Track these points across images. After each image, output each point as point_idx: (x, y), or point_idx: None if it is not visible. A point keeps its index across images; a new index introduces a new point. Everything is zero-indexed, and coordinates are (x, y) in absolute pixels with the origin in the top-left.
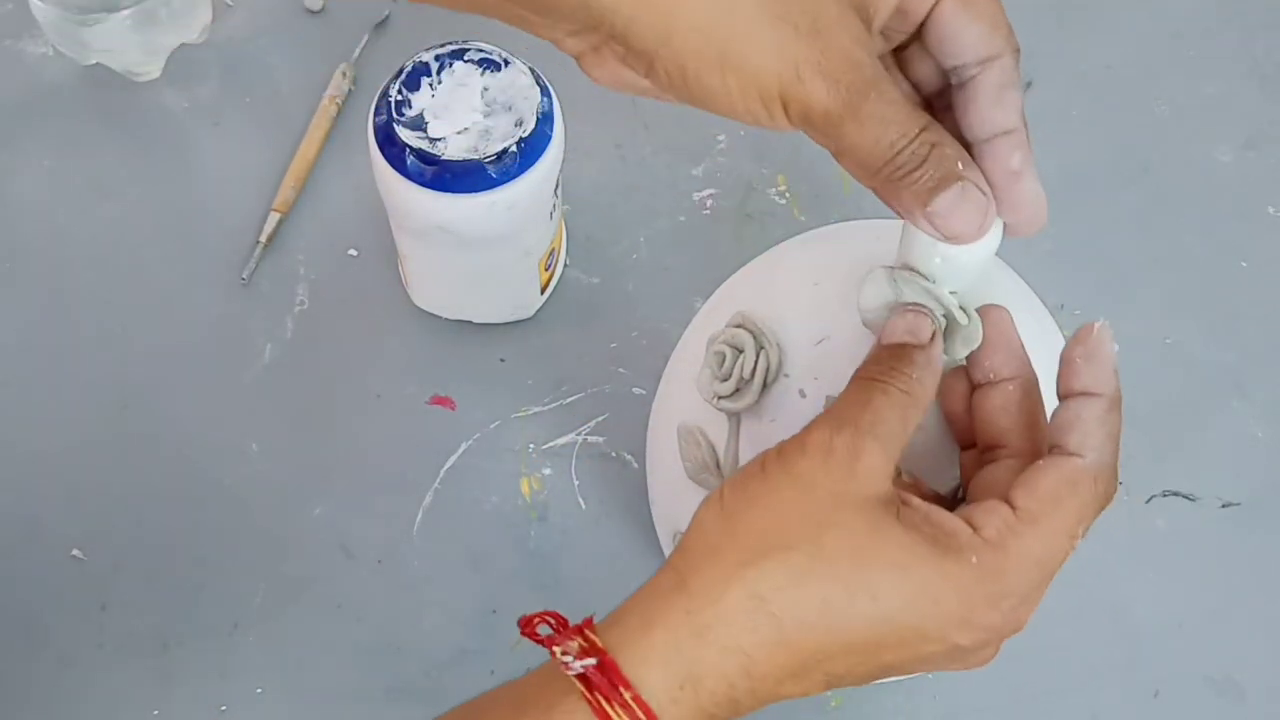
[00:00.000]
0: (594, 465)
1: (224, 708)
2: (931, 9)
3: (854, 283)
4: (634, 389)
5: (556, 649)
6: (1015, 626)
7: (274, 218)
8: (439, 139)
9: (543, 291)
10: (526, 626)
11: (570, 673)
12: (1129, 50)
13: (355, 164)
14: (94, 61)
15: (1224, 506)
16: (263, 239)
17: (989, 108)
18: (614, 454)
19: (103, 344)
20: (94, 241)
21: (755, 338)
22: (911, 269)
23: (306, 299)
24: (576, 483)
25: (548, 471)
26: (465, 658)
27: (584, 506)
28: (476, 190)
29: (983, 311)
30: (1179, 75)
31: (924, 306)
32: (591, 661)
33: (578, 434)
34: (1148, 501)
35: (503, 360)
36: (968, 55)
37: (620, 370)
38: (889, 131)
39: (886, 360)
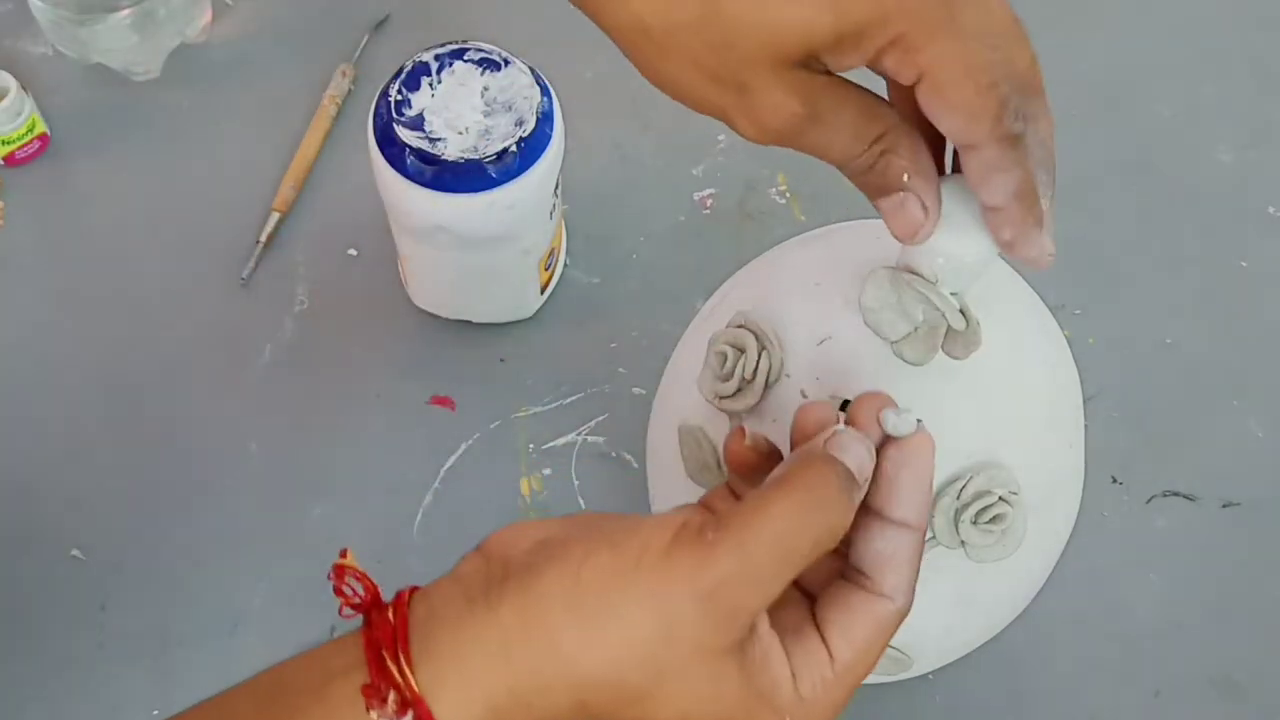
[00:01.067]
0: (594, 465)
1: None
2: (915, 85)
3: (855, 282)
4: (634, 389)
5: (374, 712)
6: None
7: (274, 217)
8: (439, 139)
9: (542, 291)
10: (338, 582)
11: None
12: (1129, 50)
13: (355, 164)
14: (94, 61)
15: (1224, 506)
16: (262, 239)
17: (974, 187)
18: (614, 454)
19: (103, 343)
20: (93, 241)
21: (757, 338)
22: (913, 270)
23: (306, 299)
24: (577, 483)
25: (548, 471)
26: None
27: (584, 506)
28: (476, 190)
29: (903, 444)
30: (1179, 75)
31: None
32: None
33: (578, 434)
34: (1148, 501)
35: (503, 360)
36: (948, 137)
37: (620, 370)
38: (835, 146)
39: (836, 484)
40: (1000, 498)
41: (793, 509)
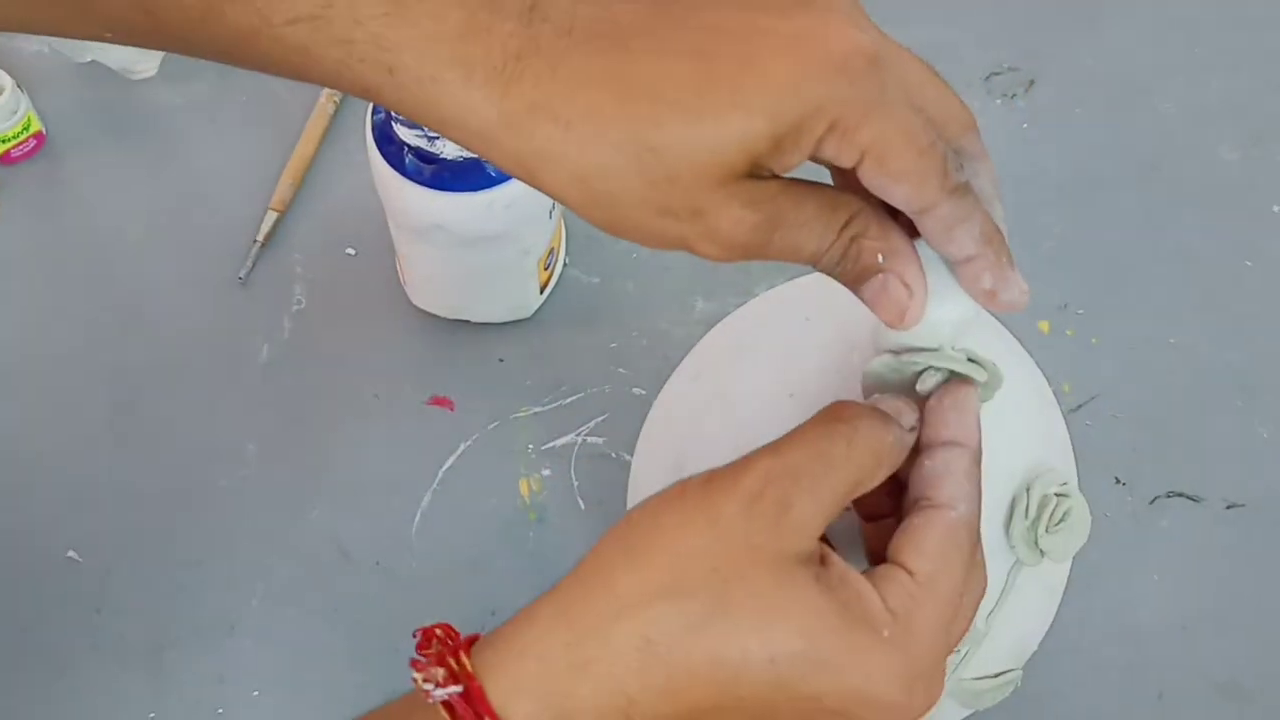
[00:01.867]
0: (594, 466)
1: (220, 711)
2: (856, 166)
3: (827, 377)
4: (634, 389)
5: (418, 675)
6: (927, 705)
7: (271, 216)
8: (437, 137)
9: (542, 291)
10: (424, 639)
11: (431, 700)
12: (1133, 47)
13: (353, 162)
14: (89, 59)
15: (1229, 508)
16: (260, 238)
17: (941, 246)
18: (614, 455)
19: (98, 343)
20: (89, 240)
21: None
22: (913, 348)
23: (304, 298)
24: (576, 484)
25: (547, 472)
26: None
27: (583, 508)
28: (475, 188)
29: (940, 388)
30: (1184, 72)
31: (908, 401)
32: (456, 689)
33: (577, 434)
34: (1152, 502)
35: (501, 360)
36: (901, 207)
37: (620, 370)
38: (806, 245)
39: (868, 413)
40: (1058, 494)
41: (820, 421)
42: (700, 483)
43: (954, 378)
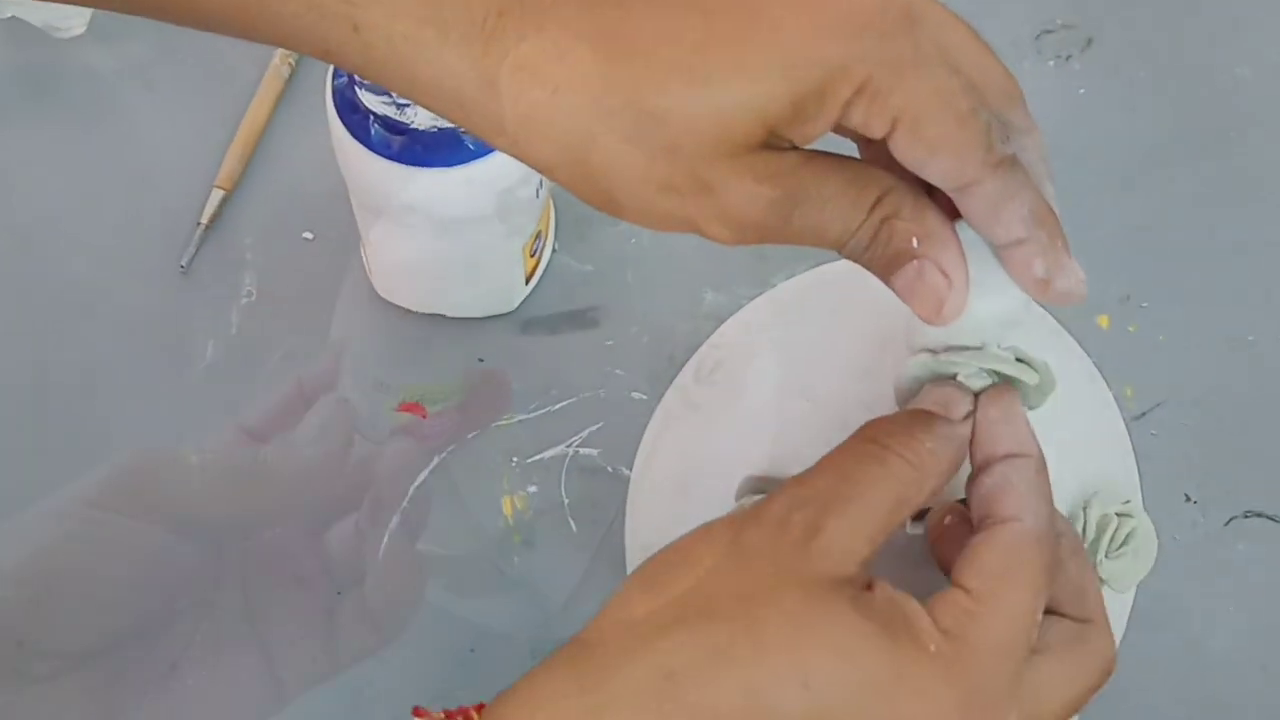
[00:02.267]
0: (587, 481)
1: None
2: (888, 136)
3: (854, 378)
4: (633, 393)
5: None
6: None
7: (217, 195)
8: (407, 104)
9: (527, 281)
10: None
11: None
12: (1203, 2)
13: (311, 133)
14: (8, 15)
15: None
16: (204, 220)
17: (985, 228)
18: (610, 468)
19: (20, 339)
20: (11, 223)
21: None
22: (955, 346)
23: (254, 289)
24: (566, 501)
25: (533, 488)
26: (439, 703)
27: (575, 528)
28: (451, 164)
29: (982, 395)
30: (1263, 30)
31: (960, 384)
32: None
33: (568, 445)
34: (1227, 524)
35: (481, 361)
36: (939, 184)
37: (617, 372)
38: (830, 227)
39: (900, 424)
40: (1120, 514)
41: (849, 444)
42: (725, 520)
43: (998, 381)
